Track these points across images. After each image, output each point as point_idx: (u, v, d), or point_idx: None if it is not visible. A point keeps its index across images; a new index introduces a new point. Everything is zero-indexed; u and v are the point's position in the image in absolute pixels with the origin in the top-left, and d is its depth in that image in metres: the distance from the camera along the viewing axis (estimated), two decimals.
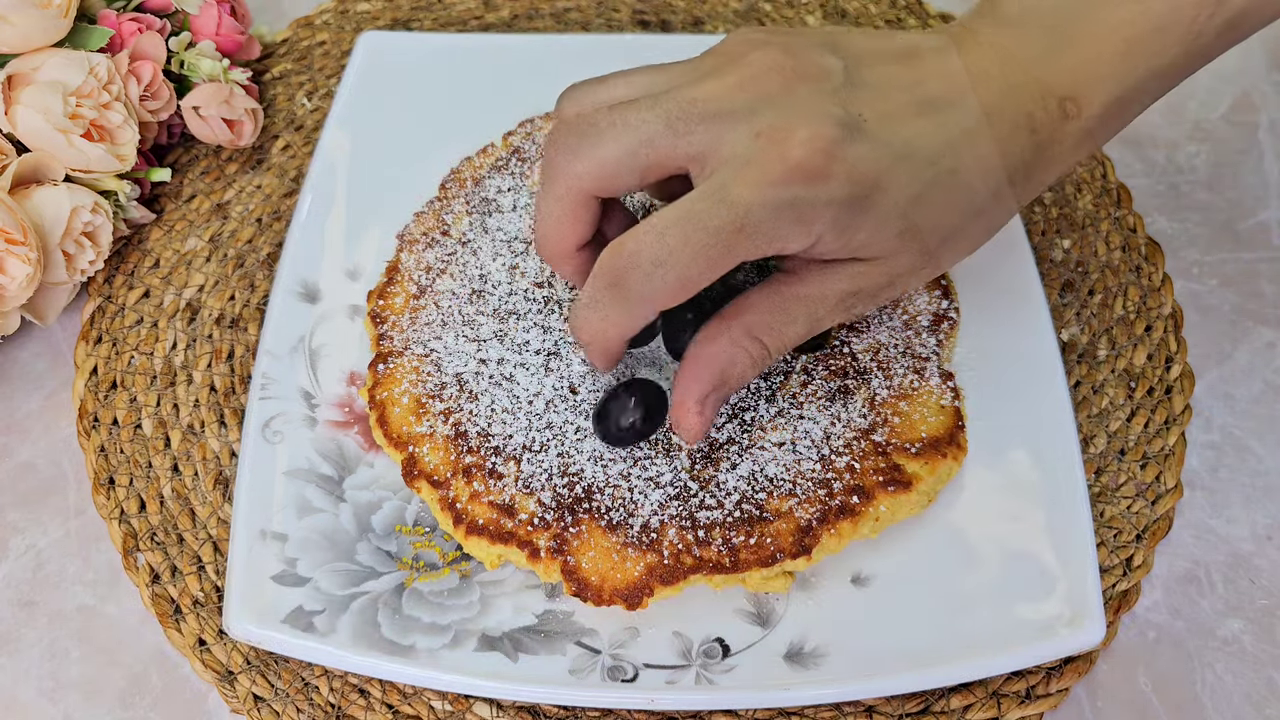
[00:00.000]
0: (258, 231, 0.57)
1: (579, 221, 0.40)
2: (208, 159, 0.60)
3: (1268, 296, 0.56)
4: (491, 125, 0.56)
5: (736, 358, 0.40)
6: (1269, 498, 0.49)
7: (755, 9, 0.67)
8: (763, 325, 0.40)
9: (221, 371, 0.52)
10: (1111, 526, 0.47)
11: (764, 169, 0.35)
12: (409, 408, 0.46)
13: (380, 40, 0.60)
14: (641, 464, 0.43)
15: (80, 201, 0.51)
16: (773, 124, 0.36)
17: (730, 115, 0.36)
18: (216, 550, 0.47)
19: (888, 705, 0.43)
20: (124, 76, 0.53)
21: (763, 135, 0.36)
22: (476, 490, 0.43)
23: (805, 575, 0.44)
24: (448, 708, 0.43)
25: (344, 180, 0.55)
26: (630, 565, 0.41)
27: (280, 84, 0.63)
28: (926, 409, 0.45)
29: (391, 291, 0.50)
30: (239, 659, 0.44)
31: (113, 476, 0.49)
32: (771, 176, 0.35)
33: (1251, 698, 0.44)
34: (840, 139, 0.36)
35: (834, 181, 0.35)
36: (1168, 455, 0.49)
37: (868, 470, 0.43)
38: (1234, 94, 0.64)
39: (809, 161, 0.35)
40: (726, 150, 0.36)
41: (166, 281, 0.55)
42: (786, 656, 0.42)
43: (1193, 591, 0.47)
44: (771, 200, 0.35)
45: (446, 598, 0.44)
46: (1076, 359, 0.52)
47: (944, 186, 0.38)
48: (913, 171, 0.37)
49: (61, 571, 0.48)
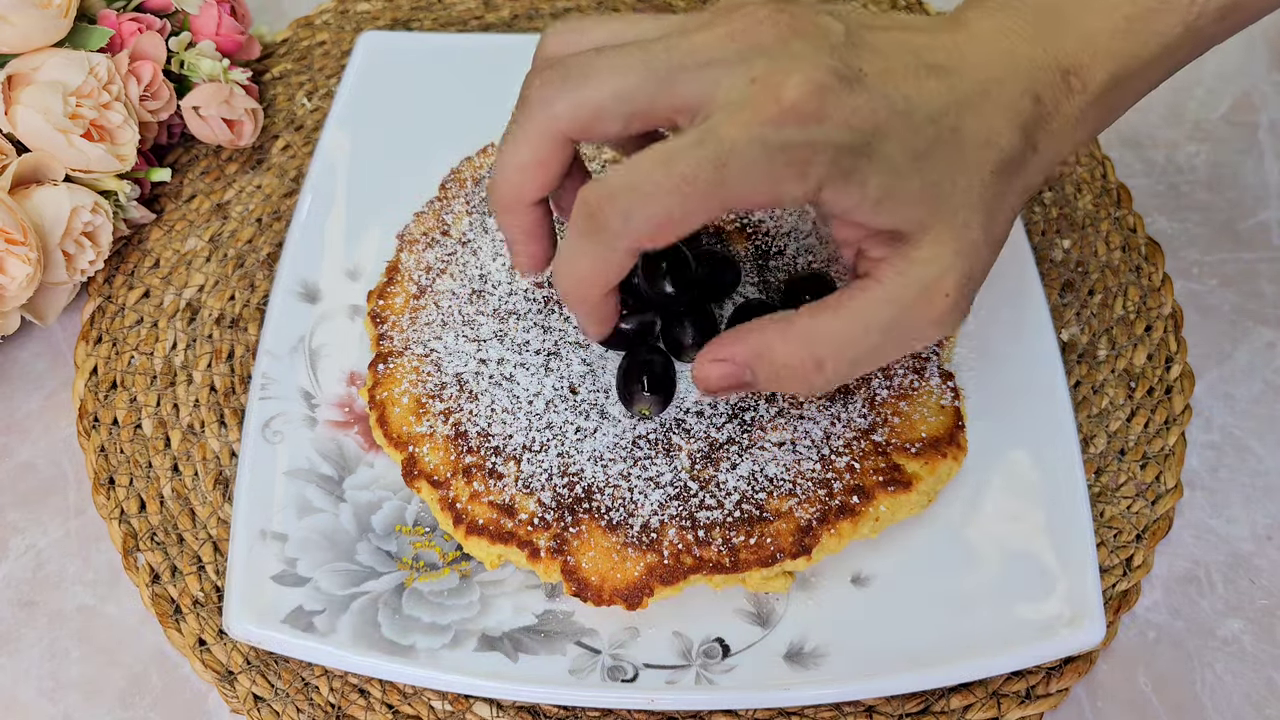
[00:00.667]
0: (258, 231, 0.57)
1: (545, 168, 0.38)
2: (208, 159, 0.60)
3: (1268, 296, 0.56)
4: (491, 125, 0.56)
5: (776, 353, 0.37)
6: (1269, 498, 0.49)
7: None
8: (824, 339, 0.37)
9: (221, 371, 0.52)
10: (1111, 526, 0.47)
11: (756, 110, 0.33)
12: (409, 408, 0.46)
13: (380, 40, 0.60)
14: (641, 464, 0.43)
15: (80, 201, 0.51)
16: (768, 70, 0.34)
17: (723, 63, 0.35)
18: (216, 550, 0.47)
19: (888, 705, 0.43)
20: (124, 76, 0.53)
21: (757, 81, 0.34)
22: (476, 490, 0.43)
23: (805, 575, 0.44)
24: (448, 708, 0.43)
25: (344, 180, 0.55)
26: (630, 565, 0.41)
27: (280, 84, 0.63)
28: (926, 409, 0.45)
29: (391, 291, 0.50)
30: (239, 659, 0.44)
31: (113, 476, 0.49)
32: (764, 117, 0.33)
33: (1251, 698, 0.44)
34: (837, 87, 0.34)
35: (829, 124, 0.34)
36: (1168, 455, 0.49)
37: (868, 470, 0.43)
38: (1234, 94, 0.64)
39: (804, 103, 0.33)
40: (721, 97, 0.34)
41: (166, 281, 0.55)
42: (786, 656, 0.42)
43: (1193, 591, 0.47)
44: (761, 139, 0.33)
45: (446, 598, 0.44)
46: (1076, 359, 0.52)
47: (949, 145, 0.36)
48: (913, 127, 0.35)
49: (61, 571, 0.48)
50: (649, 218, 0.34)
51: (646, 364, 0.44)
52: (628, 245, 0.35)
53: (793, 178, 0.34)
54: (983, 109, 0.37)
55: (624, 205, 0.34)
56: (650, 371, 0.43)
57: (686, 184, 0.33)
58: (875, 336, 0.37)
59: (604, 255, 0.36)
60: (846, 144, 0.34)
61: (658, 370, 0.44)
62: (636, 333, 0.45)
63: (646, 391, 0.43)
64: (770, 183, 0.34)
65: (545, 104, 0.36)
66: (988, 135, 0.37)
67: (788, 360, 0.37)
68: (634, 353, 0.44)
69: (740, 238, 0.50)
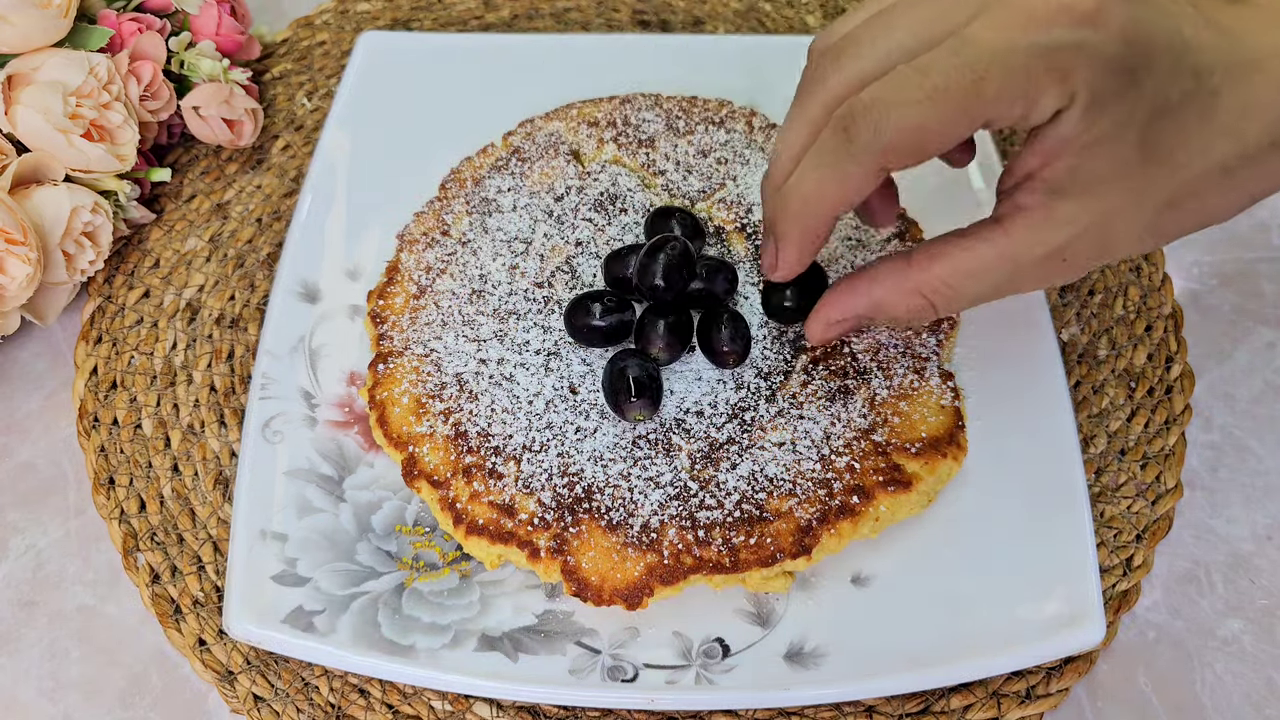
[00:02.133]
0: (258, 231, 0.57)
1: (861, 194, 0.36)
2: (208, 159, 0.60)
3: (1268, 296, 0.56)
4: (491, 125, 0.56)
5: (895, 307, 0.38)
6: (1269, 498, 0.49)
7: (755, 9, 0.67)
8: (942, 286, 0.37)
9: (221, 371, 0.52)
10: (1111, 526, 0.47)
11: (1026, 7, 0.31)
12: (409, 408, 0.46)
13: (380, 40, 0.60)
14: (641, 464, 0.43)
15: (80, 201, 0.51)
16: None
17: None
18: (216, 550, 0.47)
19: (888, 705, 0.43)
20: (124, 76, 0.53)
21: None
22: (476, 490, 0.43)
23: (805, 575, 0.44)
24: (448, 708, 0.43)
25: (344, 180, 0.55)
26: (630, 565, 0.41)
27: (280, 84, 0.63)
28: (926, 409, 0.45)
29: (391, 291, 0.50)
30: (239, 659, 0.44)
31: (113, 476, 0.49)
32: (1033, 15, 0.31)
33: (1251, 698, 0.44)
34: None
35: (1105, 31, 0.31)
36: (1168, 455, 0.49)
37: (868, 470, 0.43)
38: None
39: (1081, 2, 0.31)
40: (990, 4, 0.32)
41: (166, 281, 0.55)
42: (786, 656, 0.42)
43: (1193, 591, 0.47)
44: (1025, 43, 0.31)
45: (446, 598, 0.44)
46: (1076, 359, 0.52)
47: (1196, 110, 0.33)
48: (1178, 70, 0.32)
49: (61, 571, 0.48)
50: (900, 130, 0.33)
51: (629, 371, 0.44)
52: (876, 160, 0.34)
53: (1052, 90, 0.32)
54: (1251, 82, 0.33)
55: (876, 116, 0.33)
56: (635, 378, 0.43)
57: (940, 93, 0.32)
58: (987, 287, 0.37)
59: (849, 170, 0.35)
60: (1117, 58, 0.31)
61: (642, 375, 0.43)
62: (614, 329, 0.45)
63: (634, 398, 0.43)
64: (1029, 92, 0.32)
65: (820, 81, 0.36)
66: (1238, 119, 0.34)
67: (904, 311, 0.38)
68: (615, 361, 0.44)
69: (740, 237, 0.50)
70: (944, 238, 0.37)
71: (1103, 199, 0.34)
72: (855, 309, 0.39)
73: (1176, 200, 0.35)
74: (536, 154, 0.54)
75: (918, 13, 0.34)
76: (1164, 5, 0.33)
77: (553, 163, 0.53)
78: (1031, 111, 0.33)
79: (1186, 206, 0.35)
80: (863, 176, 0.35)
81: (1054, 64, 0.31)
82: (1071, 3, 0.31)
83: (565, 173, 0.53)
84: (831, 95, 0.35)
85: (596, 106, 0.56)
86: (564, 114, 0.56)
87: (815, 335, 0.42)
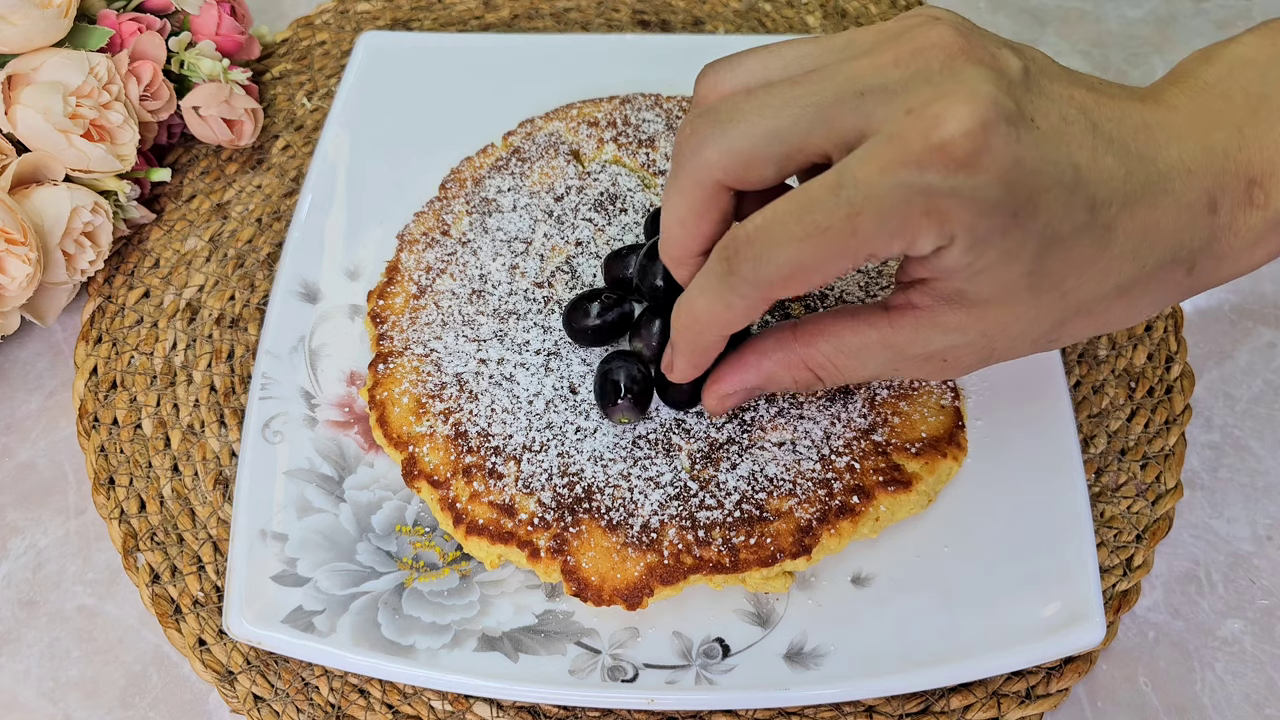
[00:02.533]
0: (258, 231, 0.57)
1: (705, 218, 0.35)
2: (208, 159, 0.60)
3: (1268, 296, 0.56)
4: (491, 125, 0.56)
5: (783, 380, 0.38)
6: (1269, 498, 0.49)
7: (755, 9, 0.67)
8: (827, 363, 0.37)
9: (221, 371, 0.52)
10: (1111, 526, 0.47)
11: (902, 147, 0.30)
12: (409, 408, 0.46)
13: (380, 40, 0.60)
14: (641, 464, 0.43)
15: (80, 201, 0.51)
16: (929, 98, 0.30)
17: (882, 92, 0.31)
18: (216, 550, 0.47)
19: (888, 705, 0.43)
20: (124, 76, 0.53)
21: (913, 112, 0.30)
22: (476, 490, 0.43)
23: (805, 575, 0.44)
24: (448, 708, 0.43)
25: (344, 180, 0.55)
26: (630, 565, 0.41)
27: (280, 84, 0.63)
28: (926, 409, 0.45)
29: (391, 291, 0.50)
30: (239, 659, 0.44)
31: (113, 476, 0.49)
32: (908, 155, 0.30)
33: (1251, 698, 0.44)
34: (1003, 131, 0.30)
35: (984, 175, 0.30)
36: (1168, 455, 0.49)
37: (868, 470, 0.43)
38: None
39: (957, 145, 0.29)
40: (873, 130, 0.31)
41: (166, 281, 0.55)
42: (786, 656, 0.42)
43: (1193, 591, 0.47)
44: (899, 184, 0.30)
45: (446, 598, 0.44)
46: (1076, 359, 0.52)
47: (1090, 243, 0.32)
48: (1069, 206, 0.31)
49: (61, 571, 0.48)
50: (779, 266, 0.32)
51: (613, 374, 0.44)
52: (756, 293, 0.34)
53: (928, 231, 0.31)
54: (1154, 206, 0.33)
55: (756, 252, 0.33)
56: (624, 382, 0.43)
57: (819, 232, 0.31)
58: (870, 369, 0.37)
59: (733, 300, 0.34)
60: (997, 202, 0.30)
61: (627, 378, 0.43)
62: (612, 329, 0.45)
63: (621, 401, 0.43)
64: (904, 232, 0.31)
65: (696, 153, 0.34)
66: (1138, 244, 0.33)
67: (792, 384, 0.39)
68: (605, 363, 0.44)
69: None
70: (835, 313, 0.37)
71: (989, 319, 0.34)
72: (745, 382, 0.39)
73: (1068, 320, 0.35)
74: (536, 154, 0.54)
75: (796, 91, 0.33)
76: (1057, 133, 0.32)
77: (553, 163, 0.53)
78: (911, 249, 0.32)
79: (1081, 323, 0.35)
80: (747, 306, 0.34)
81: (930, 207, 0.30)
82: (948, 143, 0.30)
83: (565, 173, 0.53)
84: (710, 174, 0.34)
85: (596, 106, 0.56)
86: (564, 114, 0.56)
87: (710, 408, 0.41)
